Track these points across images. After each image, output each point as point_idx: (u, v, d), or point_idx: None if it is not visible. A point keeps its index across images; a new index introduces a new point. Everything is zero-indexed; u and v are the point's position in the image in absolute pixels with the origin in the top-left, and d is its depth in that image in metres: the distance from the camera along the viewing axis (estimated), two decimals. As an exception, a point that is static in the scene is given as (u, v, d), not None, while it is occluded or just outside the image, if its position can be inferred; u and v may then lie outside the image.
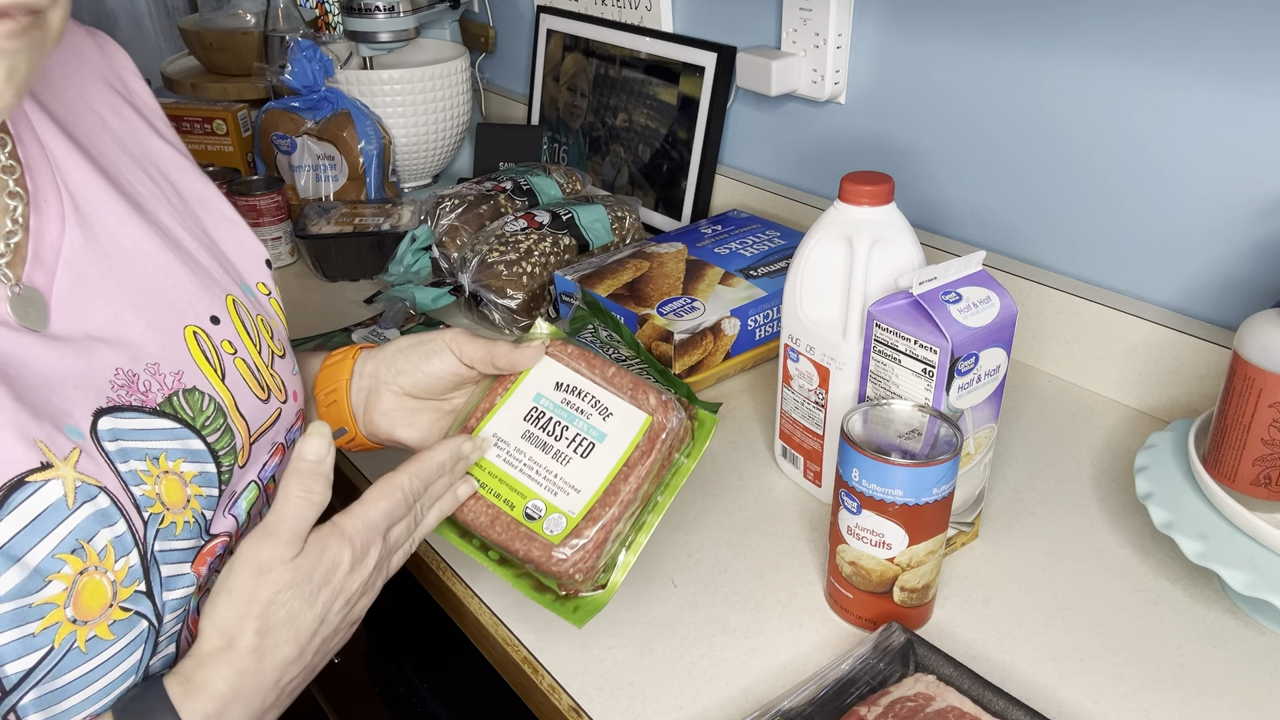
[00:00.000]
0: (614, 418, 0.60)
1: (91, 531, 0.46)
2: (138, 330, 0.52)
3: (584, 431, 0.60)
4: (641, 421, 0.59)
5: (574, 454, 0.59)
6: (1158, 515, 0.67)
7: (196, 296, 0.56)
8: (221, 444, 0.55)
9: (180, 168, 0.62)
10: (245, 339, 0.59)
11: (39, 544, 0.44)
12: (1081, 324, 0.92)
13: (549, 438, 0.61)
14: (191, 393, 0.54)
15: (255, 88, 1.45)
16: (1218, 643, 0.66)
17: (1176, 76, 0.81)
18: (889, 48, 1.02)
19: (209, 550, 0.54)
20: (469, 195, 1.16)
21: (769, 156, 1.22)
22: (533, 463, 0.60)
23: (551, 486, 0.59)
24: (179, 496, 0.51)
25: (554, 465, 0.59)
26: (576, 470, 0.59)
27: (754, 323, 0.95)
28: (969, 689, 0.58)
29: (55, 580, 0.45)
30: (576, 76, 1.41)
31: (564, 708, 0.63)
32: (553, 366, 0.64)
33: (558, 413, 0.62)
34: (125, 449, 0.49)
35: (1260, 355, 0.63)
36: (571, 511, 0.57)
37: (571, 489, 0.58)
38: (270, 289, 0.64)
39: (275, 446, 0.60)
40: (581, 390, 0.62)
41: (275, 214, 1.23)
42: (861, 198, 0.71)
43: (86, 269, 0.51)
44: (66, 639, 0.46)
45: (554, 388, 0.63)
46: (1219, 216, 0.83)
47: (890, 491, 0.61)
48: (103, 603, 0.47)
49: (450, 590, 0.74)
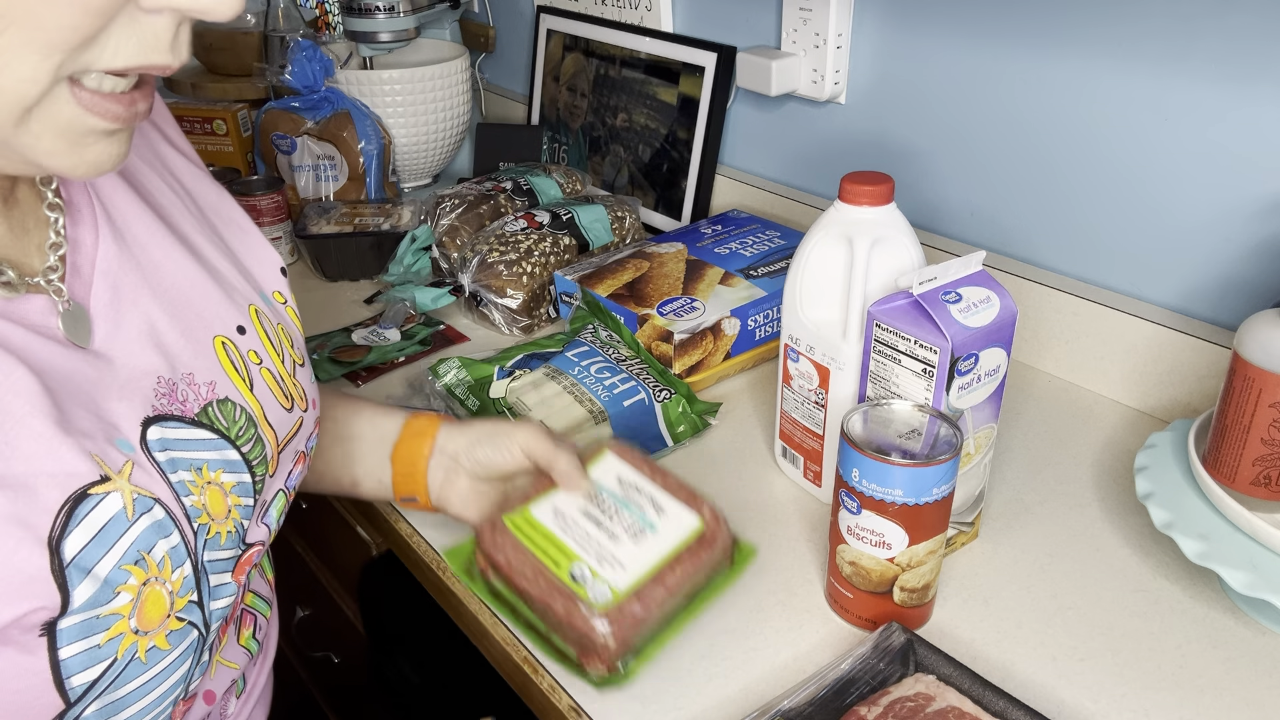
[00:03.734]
0: (666, 515, 0.63)
1: (151, 542, 0.47)
2: (172, 340, 0.52)
3: (638, 519, 0.63)
4: (695, 524, 0.63)
5: (625, 535, 0.62)
6: (1158, 515, 0.67)
7: (223, 307, 0.56)
8: (254, 454, 0.55)
9: (195, 177, 0.62)
10: (269, 349, 0.59)
11: (106, 555, 0.44)
12: (1081, 324, 0.92)
13: (604, 516, 0.64)
14: (225, 403, 0.54)
15: (255, 88, 1.45)
16: (1218, 643, 0.66)
17: (1176, 76, 0.81)
18: (889, 48, 1.02)
19: (246, 559, 0.54)
20: (469, 195, 1.16)
21: (769, 156, 1.22)
22: (585, 534, 0.62)
23: (600, 557, 0.61)
24: (221, 507, 0.52)
25: (605, 540, 0.62)
26: (626, 550, 0.61)
27: (754, 323, 0.95)
28: (969, 689, 0.58)
29: (123, 591, 0.45)
30: (576, 76, 1.41)
31: (564, 708, 0.63)
32: (617, 464, 0.68)
33: (615, 500, 0.65)
34: (174, 459, 0.49)
35: (1260, 355, 0.63)
36: (618, 586, 0.59)
37: (619, 564, 0.60)
38: (286, 297, 0.64)
39: (298, 455, 0.61)
40: (640, 487, 0.65)
41: (275, 214, 1.23)
42: (861, 198, 0.71)
43: (122, 279, 0.51)
44: (129, 650, 0.46)
45: (615, 480, 0.66)
46: (1219, 216, 0.83)
47: (890, 491, 0.61)
48: (162, 613, 0.47)
49: (450, 590, 0.74)
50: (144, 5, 0.39)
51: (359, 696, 1.14)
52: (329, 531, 1.03)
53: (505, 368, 0.90)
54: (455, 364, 0.91)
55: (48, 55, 0.37)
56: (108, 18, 0.38)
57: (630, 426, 0.85)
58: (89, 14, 0.37)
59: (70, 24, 0.37)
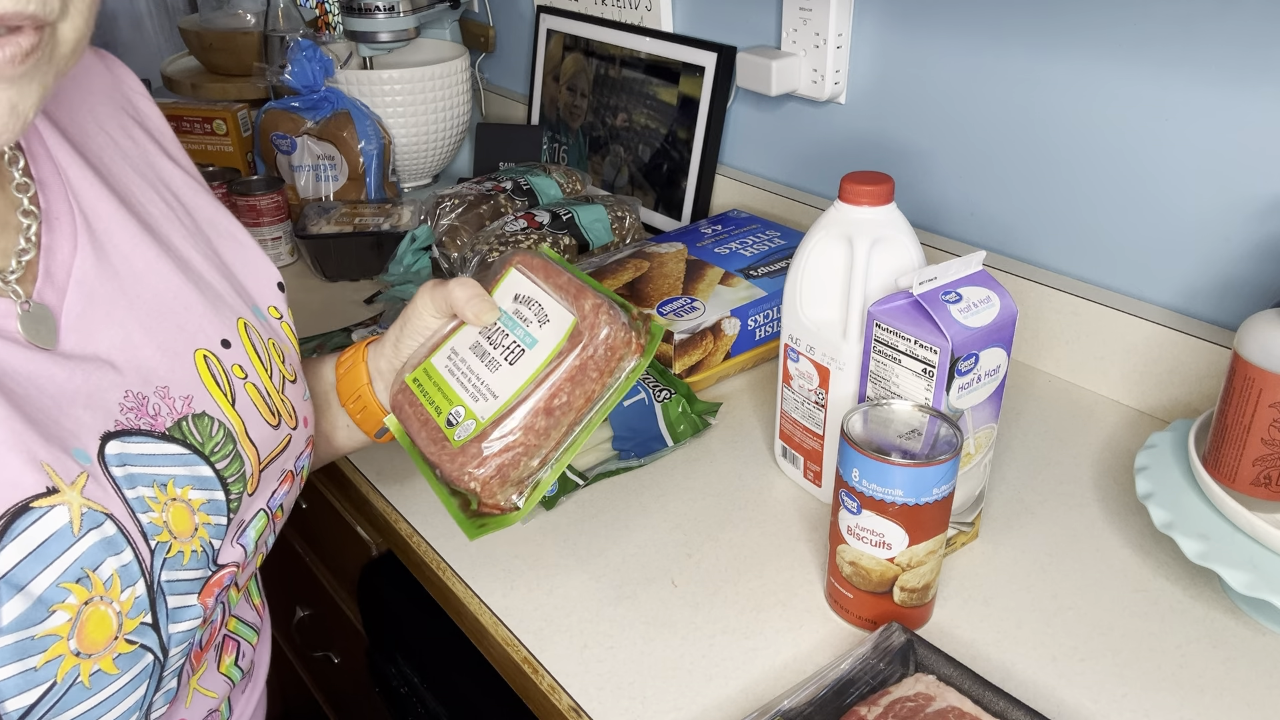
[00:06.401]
0: (549, 324, 0.55)
1: (98, 560, 0.45)
2: (148, 353, 0.51)
3: (520, 339, 0.56)
4: (568, 324, 0.54)
5: (504, 361, 0.55)
6: (1158, 515, 0.67)
7: (208, 320, 0.55)
8: (230, 471, 0.54)
9: (191, 190, 0.61)
10: (256, 363, 0.58)
11: (43, 572, 0.43)
12: (1081, 324, 0.92)
13: (490, 346, 0.57)
14: (201, 418, 0.53)
15: (255, 88, 1.45)
16: (1218, 643, 0.66)
17: (1176, 76, 0.81)
18: (889, 48, 1.02)
19: (216, 581, 0.53)
20: (469, 195, 1.16)
21: (769, 156, 1.22)
22: (468, 370, 0.57)
23: (475, 393, 0.55)
24: (187, 525, 0.50)
25: (484, 372, 0.55)
26: (502, 377, 0.55)
27: (754, 323, 0.95)
28: (969, 689, 0.58)
29: (59, 610, 0.43)
30: (576, 76, 1.41)
31: (564, 708, 0.63)
32: (519, 280, 0.60)
33: (506, 322, 0.58)
34: (133, 474, 0.48)
35: (1260, 355, 0.63)
36: (481, 417, 0.53)
37: (490, 395, 0.54)
38: (282, 312, 0.63)
39: (285, 474, 0.59)
40: (531, 299, 0.58)
41: (275, 214, 1.23)
42: (861, 198, 0.71)
43: (98, 289, 0.50)
44: (70, 673, 0.44)
45: (511, 300, 0.59)
46: (1219, 216, 0.83)
47: (890, 491, 0.61)
48: (108, 635, 0.45)
49: (450, 590, 0.74)
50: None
51: (359, 696, 1.15)
52: (329, 531, 1.03)
53: (505, 367, 0.90)
54: (455, 364, 0.91)
55: None
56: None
57: (630, 427, 0.85)
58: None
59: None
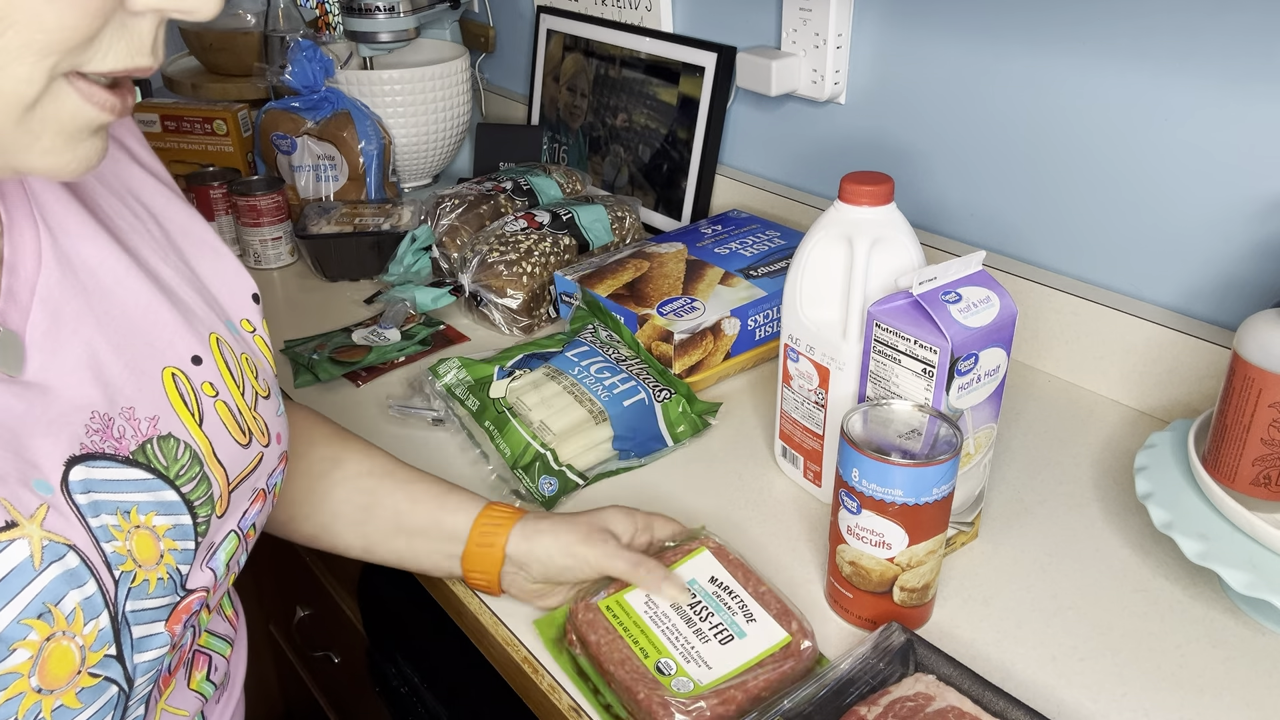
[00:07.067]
0: (756, 624, 0.64)
1: (60, 594, 0.43)
2: (115, 372, 0.49)
3: (726, 624, 0.64)
4: (781, 637, 0.63)
5: (714, 637, 0.63)
6: (1158, 515, 0.67)
7: (178, 335, 0.53)
8: (197, 494, 0.52)
9: (163, 197, 0.59)
10: (228, 380, 0.56)
11: (4, 609, 0.41)
12: (1081, 324, 0.92)
13: (694, 615, 0.65)
14: (166, 440, 0.51)
15: (255, 88, 1.45)
16: (1218, 643, 0.66)
17: (1176, 76, 0.81)
18: (889, 48, 1.02)
19: (184, 607, 0.51)
20: (469, 195, 1.16)
21: (769, 156, 1.22)
22: (674, 629, 0.64)
23: (686, 654, 0.62)
24: (151, 552, 0.48)
25: (693, 639, 0.63)
26: (712, 651, 0.62)
27: (754, 323, 0.95)
28: (969, 689, 0.58)
29: (20, 648, 0.42)
30: (576, 76, 1.41)
31: (564, 708, 0.63)
32: (712, 563, 0.69)
33: (707, 600, 0.66)
34: (97, 501, 0.46)
35: (1260, 355, 0.63)
36: (700, 681, 0.60)
37: (704, 663, 0.61)
38: (255, 326, 0.61)
39: (256, 493, 0.57)
40: (733, 591, 0.66)
41: (275, 214, 1.23)
42: (861, 198, 0.71)
43: (63, 306, 0.48)
44: (31, 709, 0.43)
45: (709, 580, 0.67)
46: (1219, 216, 0.83)
47: (890, 491, 0.61)
48: (70, 670, 0.44)
49: (450, 590, 0.74)
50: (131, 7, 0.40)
51: (359, 696, 1.14)
52: (329, 531, 1.03)
53: (505, 368, 0.90)
54: (455, 364, 0.91)
55: (45, 56, 0.38)
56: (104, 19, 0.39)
57: (630, 426, 0.85)
58: (88, 15, 0.38)
59: (71, 24, 0.37)
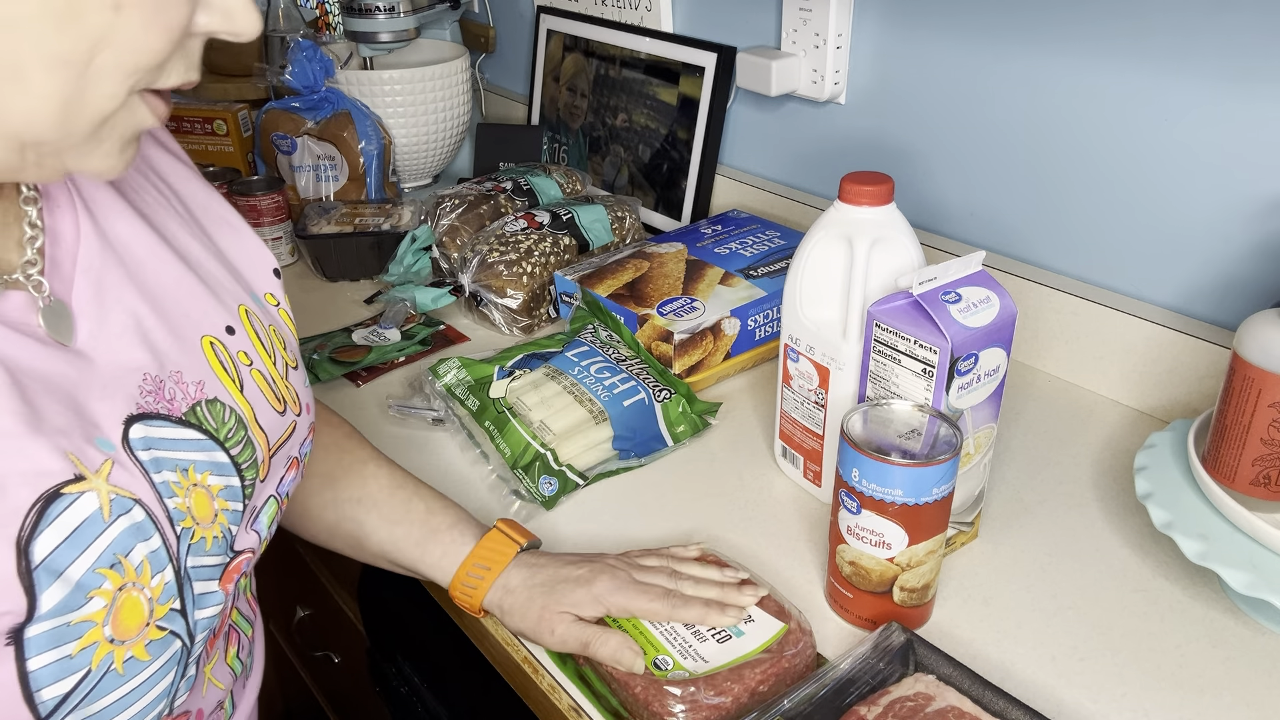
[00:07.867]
0: (754, 624, 0.65)
1: (128, 546, 0.45)
2: (159, 337, 0.51)
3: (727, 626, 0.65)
4: (777, 628, 0.64)
5: (711, 637, 0.64)
6: (1158, 515, 0.67)
7: (211, 307, 0.55)
8: (244, 457, 0.53)
9: (183, 176, 0.61)
10: (260, 350, 0.57)
11: (79, 558, 0.43)
12: (1081, 324, 0.92)
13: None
14: (214, 404, 0.52)
15: (255, 88, 1.45)
16: (1218, 643, 0.66)
17: (1176, 76, 0.81)
18: (889, 48, 1.02)
19: (235, 567, 0.53)
20: (469, 195, 1.16)
21: (769, 156, 1.22)
22: (672, 628, 0.65)
23: (684, 652, 0.63)
24: (208, 510, 0.50)
25: (690, 638, 0.64)
26: (710, 649, 0.63)
27: (754, 323, 0.95)
28: (969, 689, 0.58)
29: (96, 596, 0.43)
30: (576, 76, 1.41)
31: (564, 708, 0.63)
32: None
33: None
34: (159, 459, 0.48)
35: (1260, 355, 0.63)
36: (694, 672, 0.61)
37: (700, 659, 0.62)
38: (279, 299, 0.63)
39: (290, 460, 0.59)
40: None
41: (275, 214, 1.23)
42: (861, 198, 0.71)
43: (104, 275, 0.50)
44: (104, 660, 0.44)
45: None
46: (1219, 216, 0.83)
47: (890, 491, 0.61)
48: (140, 621, 0.45)
49: (450, 590, 0.74)
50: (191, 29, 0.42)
51: (359, 696, 1.15)
52: (329, 531, 1.03)
53: (505, 368, 0.90)
54: (455, 364, 0.91)
55: (131, 75, 0.41)
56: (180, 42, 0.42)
57: (630, 426, 0.85)
58: (171, 39, 0.41)
59: (157, 48, 0.41)
